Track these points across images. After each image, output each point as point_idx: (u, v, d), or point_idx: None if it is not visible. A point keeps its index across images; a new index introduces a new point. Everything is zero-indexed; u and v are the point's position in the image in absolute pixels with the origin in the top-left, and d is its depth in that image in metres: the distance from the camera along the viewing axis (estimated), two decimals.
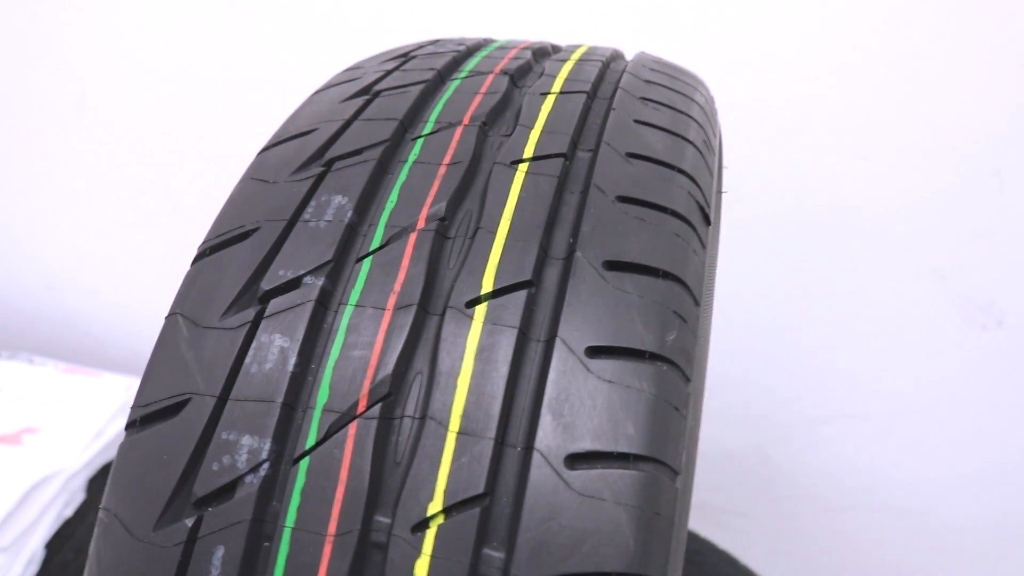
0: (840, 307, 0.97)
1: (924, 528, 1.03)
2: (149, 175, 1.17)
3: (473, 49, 0.47)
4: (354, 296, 0.33)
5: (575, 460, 0.29)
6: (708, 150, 0.41)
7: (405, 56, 0.46)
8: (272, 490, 0.30)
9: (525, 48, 0.47)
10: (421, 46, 0.48)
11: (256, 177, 0.38)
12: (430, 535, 0.29)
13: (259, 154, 0.40)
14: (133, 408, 0.33)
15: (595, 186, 0.35)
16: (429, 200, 0.35)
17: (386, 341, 0.31)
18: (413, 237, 0.34)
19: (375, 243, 0.34)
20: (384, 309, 0.32)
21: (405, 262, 0.33)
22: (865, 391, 1.00)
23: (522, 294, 0.32)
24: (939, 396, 0.94)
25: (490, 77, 0.42)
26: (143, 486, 0.31)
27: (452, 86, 0.42)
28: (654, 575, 0.29)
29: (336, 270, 0.33)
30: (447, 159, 0.37)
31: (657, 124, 0.39)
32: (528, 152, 0.37)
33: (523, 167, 0.36)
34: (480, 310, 0.32)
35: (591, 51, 0.47)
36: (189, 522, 0.30)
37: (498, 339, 0.31)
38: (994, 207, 0.83)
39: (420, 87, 0.41)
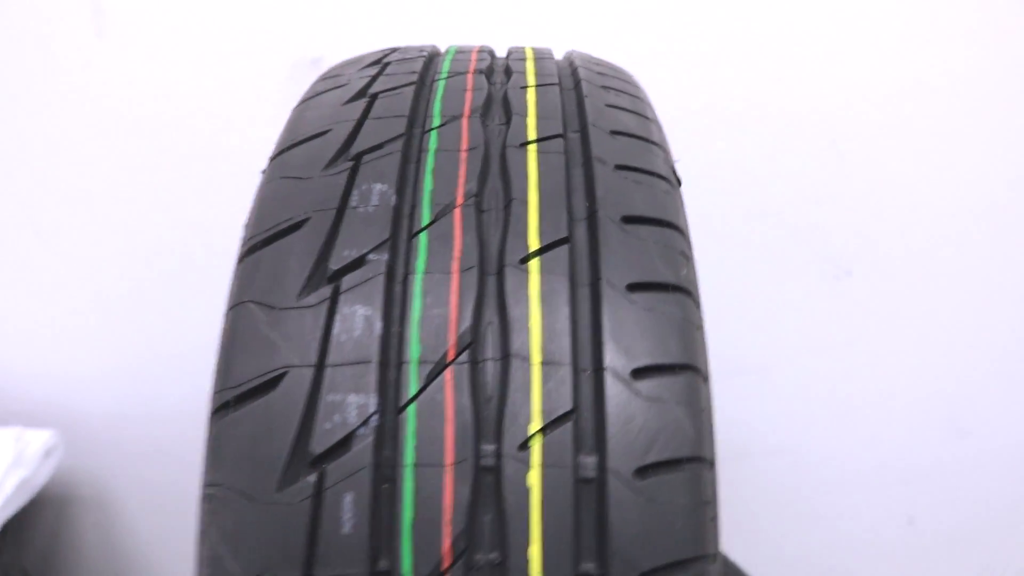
0: (709, 275, 1.10)
1: (805, 466, 1.17)
2: (23, 217, 1.11)
3: (433, 55, 0.53)
4: (420, 265, 0.37)
5: (637, 374, 0.35)
6: (660, 126, 0.49)
7: (378, 63, 0.50)
8: (384, 438, 0.34)
9: (479, 51, 0.53)
10: (386, 54, 0.52)
11: (286, 176, 0.41)
12: (535, 450, 0.34)
13: (275, 157, 0.43)
14: (219, 392, 0.36)
15: (596, 159, 0.42)
16: (461, 181, 0.40)
17: (460, 299, 0.36)
18: (458, 212, 0.39)
19: (425, 220, 0.39)
20: (450, 273, 0.37)
21: (457, 233, 0.38)
22: (738, 347, 1.13)
23: (564, 249, 0.38)
24: (804, 343, 1.08)
25: (469, 77, 0.48)
26: (255, 455, 0.34)
27: (440, 86, 0.47)
28: (707, 456, 0.36)
29: (394, 246, 0.38)
30: (464, 146, 0.42)
31: (623, 107, 0.47)
32: (532, 135, 0.43)
33: (532, 148, 0.42)
34: (534, 265, 0.37)
35: (539, 51, 0.54)
36: (312, 478, 0.33)
37: (554, 286, 0.37)
38: (835, 173, 0.98)
39: (411, 88, 0.46)
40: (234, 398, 0.35)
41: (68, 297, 1.15)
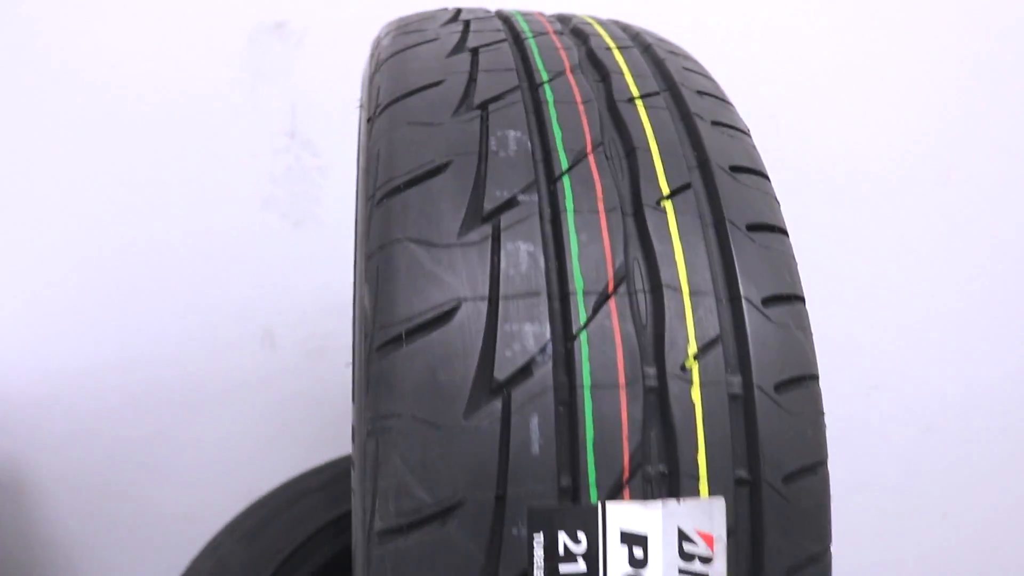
0: None
1: None
2: None
3: (499, 16, 0.55)
4: (570, 205, 0.40)
5: (766, 302, 0.40)
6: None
7: (456, 20, 0.52)
8: (560, 363, 0.37)
9: (539, 14, 0.56)
10: (455, 12, 0.54)
11: (414, 122, 0.42)
12: (695, 370, 0.37)
13: (389, 106, 0.44)
14: (384, 328, 0.37)
15: (696, 115, 0.46)
16: (586, 130, 0.43)
17: (610, 236, 0.39)
18: (592, 158, 0.42)
19: (564, 165, 0.41)
20: (598, 213, 0.40)
21: (596, 176, 0.41)
22: None
23: (690, 192, 0.42)
24: None
25: (554, 37, 0.50)
26: (436, 385, 0.36)
27: (532, 44, 0.49)
28: (816, 374, 0.41)
29: (539, 188, 0.40)
30: (578, 98, 0.45)
31: (695, 70, 0.51)
32: (635, 92, 0.46)
33: (639, 103, 0.45)
34: (668, 206, 0.41)
35: (596, 17, 0.57)
36: (498, 403, 0.35)
37: (688, 225, 0.41)
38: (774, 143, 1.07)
39: (506, 44, 0.48)
40: (406, 331, 0.37)
41: None
